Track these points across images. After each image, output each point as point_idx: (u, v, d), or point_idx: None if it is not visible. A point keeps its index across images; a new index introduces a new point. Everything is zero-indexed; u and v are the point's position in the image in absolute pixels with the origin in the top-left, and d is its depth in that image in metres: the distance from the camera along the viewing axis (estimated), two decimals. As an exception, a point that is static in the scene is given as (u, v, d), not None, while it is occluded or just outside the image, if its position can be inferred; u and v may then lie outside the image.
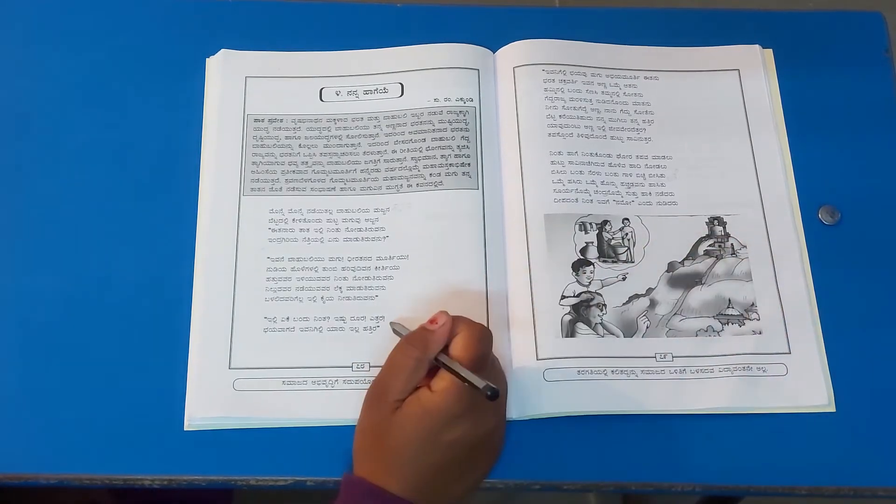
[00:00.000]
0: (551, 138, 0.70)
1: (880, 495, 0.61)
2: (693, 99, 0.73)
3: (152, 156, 0.70)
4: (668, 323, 0.65)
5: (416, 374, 0.56)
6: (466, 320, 0.58)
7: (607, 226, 0.67)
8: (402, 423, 0.55)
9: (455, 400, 0.54)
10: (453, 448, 0.55)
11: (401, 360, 0.57)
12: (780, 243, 0.68)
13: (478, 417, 0.56)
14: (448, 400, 0.54)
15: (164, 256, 0.66)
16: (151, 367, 0.63)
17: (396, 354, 0.58)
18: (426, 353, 0.57)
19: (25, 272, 0.66)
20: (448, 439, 0.55)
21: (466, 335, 0.57)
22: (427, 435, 0.55)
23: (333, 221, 0.67)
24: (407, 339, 0.58)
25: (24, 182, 0.69)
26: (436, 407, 0.55)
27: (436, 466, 0.55)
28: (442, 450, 0.55)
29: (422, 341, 0.57)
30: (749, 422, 0.62)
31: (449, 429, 0.55)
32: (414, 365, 0.56)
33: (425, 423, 0.55)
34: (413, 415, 0.55)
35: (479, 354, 0.56)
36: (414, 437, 0.55)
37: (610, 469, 0.61)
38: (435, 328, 0.57)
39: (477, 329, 0.57)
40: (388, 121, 0.71)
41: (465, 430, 0.55)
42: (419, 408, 0.55)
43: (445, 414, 0.55)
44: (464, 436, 0.55)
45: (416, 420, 0.55)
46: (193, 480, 0.61)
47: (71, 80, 0.73)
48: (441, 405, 0.55)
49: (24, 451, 0.61)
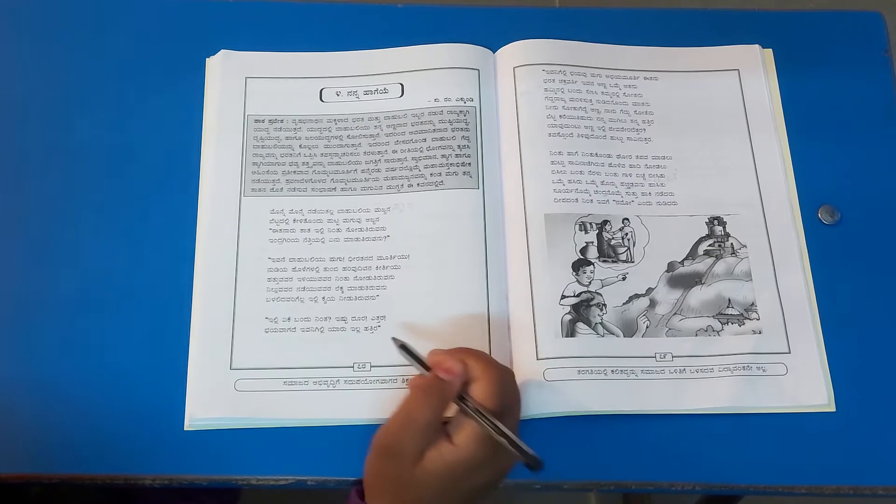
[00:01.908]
0: (551, 138, 0.70)
1: (880, 494, 0.61)
2: (693, 99, 0.73)
3: (152, 156, 0.70)
4: (668, 323, 0.65)
5: (432, 426, 0.54)
6: (485, 362, 0.56)
7: (607, 226, 0.68)
8: (426, 479, 0.53)
9: (478, 450, 0.53)
10: (474, 492, 0.55)
11: (418, 415, 0.54)
12: (780, 243, 0.68)
13: (500, 460, 0.54)
14: (471, 451, 0.53)
15: (164, 256, 0.66)
16: (152, 367, 0.63)
17: (413, 407, 0.54)
18: (443, 405, 0.54)
19: (25, 272, 0.66)
20: (471, 486, 0.54)
21: (486, 383, 0.54)
22: (452, 486, 0.54)
23: (334, 221, 0.67)
24: (424, 392, 0.55)
25: (24, 182, 0.69)
26: (461, 460, 0.53)
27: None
28: (463, 495, 0.54)
29: (439, 393, 0.54)
30: (749, 421, 0.62)
31: (474, 477, 0.54)
32: (430, 418, 0.54)
33: (449, 477, 0.53)
34: (437, 471, 0.53)
35: (501, 403, 0.54)
36: (439, 491, 0.54)
37: (610, 469, 0.62)
38: (451, 379, 0.55)
39: (498, 375, 0.55)
40: (388, 121, 0.71)
41: (488, 474, 0.54)
42: (442, 463, 0.53)
43: (470, 465, 0.53)
44: (487, 480, 0.55)
45: (441, 475, 0.53)
46: (194, 480, 0.61)
47: (71, 80, 0.73)
48: (465, 458, 0.53)
49: (24, 451, 0.61)
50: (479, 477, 0.54)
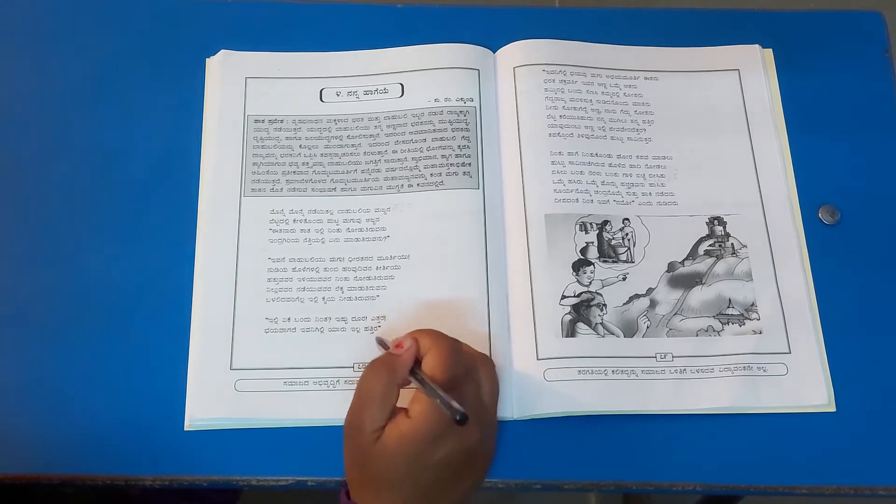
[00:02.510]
0: (551, 138, 0.70)
1: (880, 494, 0.61)
2: (693, 99, 0.73)
3: (152, 156, 0.70)
4: (669, 323, 0.65)
5: (386, 400, 0.55)
6: (434, 335, 0.57)
7: (607, 226, 0.68)
8: (387, 454, 0.54)
9: (434, 421, 0.53)
10: (441, 466, 0.54)
11: (368, 390, 0.55)
12: (780, 243, 0.68)
13: (462, 432, 0.54)
14: (427, 423, 0.53)
15: (164, 257, 0.66)
16: (152, 367, 0.63)
17: (363, 384, 0.56)
18: (393, 377, 0.55)
19: (25, 272, 0.66)
20: (435, 460, 0.54)
21: (436, 353, 0.55)
22: (412, 460, 0.54)
23: (334, 222, 0.67)
24: (371, 367, 0.56)
25: (23, 182, 0.69)
26: (416, 432, 0.53)
27: (426, 487, 0.55)
28: (430, 470, 0.54)
29: (387, 367, 0.56)
30: (749, 422, 0.62)
31: (434, 450, 0.54)
32: (383, 392, 0.55)
33: (408, 450, 0.54)
34: (395, 445, 0.54)
35: (451, 372, 0.55)
36: (401, 466, 0.54)
37: (610, 469, 0.62)
38: (400, 352, 0.56)
39: (447, 345, 0.56)
40: (388, 121, 0.71)
41: (451, 447, 0.54)
42: (398, 435, 0.54)
43: (427, 436, 0.53)
44: (451, 453, 0.54)
45: (398, 448, 0.54)
46: (194, 480, 0.61)
47: (71, 80, 0.73)
48: (421, 429, 0.53)
49: (24, 451, 0.61)
50: (439, 450, 0.54)
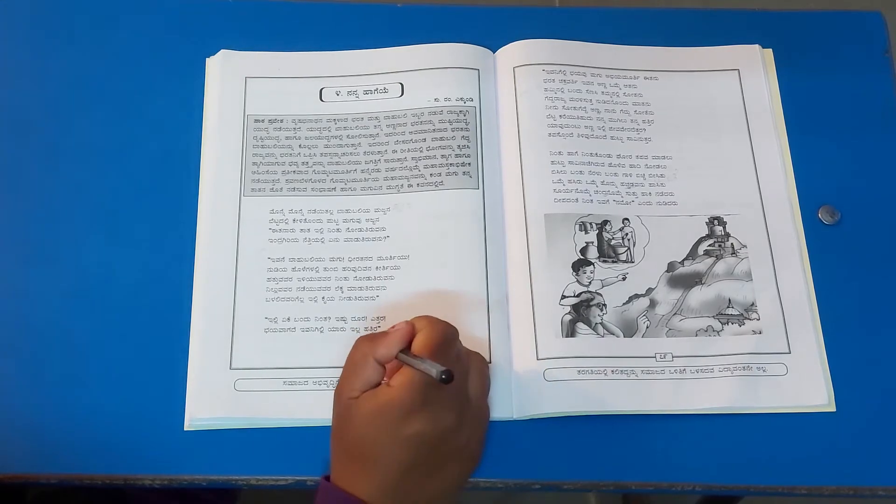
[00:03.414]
0: (551, 138, 0.70)
1: (880, 494, 0.61)
2: (693, 99, 0.73)
3: (152, 156, 0.70)
4: (668, 323, 0.65)
5: (368, 369, 0.56)
6: (431, 319, 0.57)
7: (607, 226, 0.68)
8: (358, 416, 0.55)
9: (410, 393, 0.54)
10: (414, 444, 0.54)
11: (353, 357, 0.57)
12: (780, 243, 0.68)
13: (435, 411, 0.55)
14: (402, 393, 0.54)
15: (164, 256, 0.66)
16: (152, 367, 0.63)
17: (351, 352, 0.58)
18: (377, 348, 0.56)
19: (25, 272, 0.66)
20: (406, 434, 0.54)
21: (427, 332, 0.56)
22: (384, 428, 0.54)
23: (334, 222, 0.67)
24: (361, 338, 0.58)
25: (24, 182, 0.69)
26: (390, 400, 0.54)
27: (401, 465, 0.55)
28: (403, 446, 0.54)
29: (369, 339, 0.57)
30: (749, 422, 0.62)
31: (406, 423, 0.54)
32: (359, 361, 0.56)
33: (381, 416, 0.54)
34: (368, 408, 0.55)
35: (439, 351, 0.55)
36: (371, 431, 0.54)
37: (610, 469, 0.61)
38: (391, 331, 0.57)
39: (438, 326, 0.57)
40: (388, 120, 0.71)
41: (423, 424, 0.54)
42: (374, 401, 0.55)
43: (399, 406, 0.54)
44: (423, 430, 0.54)
45: (371, 413, 0.54)
46: (194, 480, 0.61)
47: (71, 80, 0.73)
48: (395, 398, 0.54)
49: (24, 451, 0.61)
50: (413, 424, 0.54)
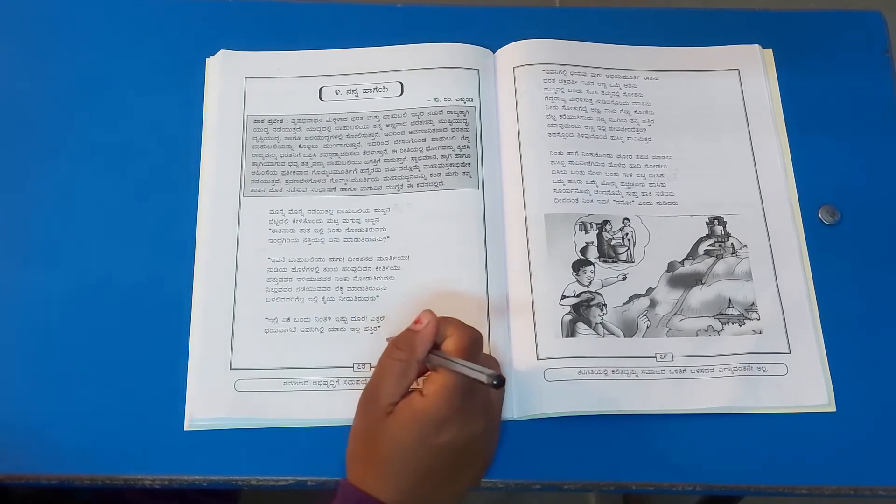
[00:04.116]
0: (551, 138, 0.70)
1: (880, 494, 0.61)
2: (693, 99, 0.73)
3: (152, 156, 0.70)
4: (669, 323, 0.65)
5: (405, 376, 0.56)
6: (456, 322, 0.58)
7: (607, 226, 0.68)
8: (395, 427, 0.55)
9: (445, 402, 0.54)
10: (443, 451, 0.55)
11: (389, 364, 0.56)
12: (780, 243, 0.68)
13: (466, 419, 0.55)
14: (438, 403, 0.54)
15: (164, 257, 0.66)
16: (152, 367, 0.63)
17: (385, 358, 0.57)
18: (413, 354, 0.56)
19: (25, 272, 0.66)
20: (438, 442, 0.54)
21: (458, 337, 0.56)
22: (419, 439, 0.54)
23: (334, 222, 0.67)
24: (394, 342, 0.57)
25: (24, 182, 0.69)
26: (427, 409, 0.54)
27: (426, 470, 0.55)
28: (433, 453, 0.55)
29: (408, 343, 0.56)
30: (749, 422, 0.62)
31: (439, 432, 0.54)
32: (402, 368, 0.56)
33: (417, 427, 0.54)
34: (405, 419, 0.54)
35: (471, 353, 0.56)
36: (406, 442, 0.54)
37: (610, 469, 0.61)
38: (420, 328, 0.57)
39: (468, 331, 0.57)
40: (387, 120, 0.71)
41: (455, 432, 0.55)
42: (410, 412, 0.54)
43: (436, 416, 0.54)
44: (453, 438, 0.55)
45: (409, 424, 0.54)
46: (194, 480, 0.61)
47: (71, 80, 0.73)
48: (431, 408, 0.54)
49: (24, 451, 0.61)
50: (446, 432, 0.54)
